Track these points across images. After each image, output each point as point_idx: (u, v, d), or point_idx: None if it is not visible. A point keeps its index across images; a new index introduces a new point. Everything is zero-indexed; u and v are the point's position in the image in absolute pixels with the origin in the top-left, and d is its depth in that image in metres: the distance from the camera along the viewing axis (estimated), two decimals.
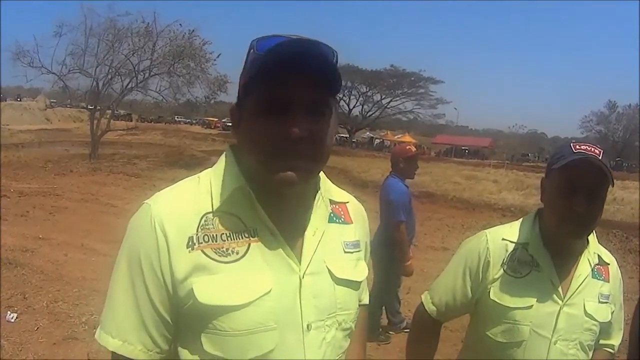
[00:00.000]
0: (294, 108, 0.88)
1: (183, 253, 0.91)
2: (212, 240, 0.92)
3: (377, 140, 57.80)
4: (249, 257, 0.93)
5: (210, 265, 0.91)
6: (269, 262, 0.94)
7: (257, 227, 0.95)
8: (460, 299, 1.53)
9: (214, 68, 20.83)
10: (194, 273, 0.91)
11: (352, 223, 1.10)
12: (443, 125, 70.49)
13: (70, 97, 21.55)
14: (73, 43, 18.91)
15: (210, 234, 0.93)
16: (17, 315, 4.22)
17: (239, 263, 0.93)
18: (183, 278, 0.91)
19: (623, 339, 1.60)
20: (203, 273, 0.91)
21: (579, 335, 1.41)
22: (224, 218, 0.95)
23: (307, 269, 0.96)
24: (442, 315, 1.59)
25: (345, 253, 1.05)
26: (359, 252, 1.09)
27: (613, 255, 1.55)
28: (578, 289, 1.42)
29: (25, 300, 4.60)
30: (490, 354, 1.47)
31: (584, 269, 1.44)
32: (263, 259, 0.94)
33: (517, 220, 1.56)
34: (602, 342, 1.53)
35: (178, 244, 0.91)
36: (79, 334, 4.02)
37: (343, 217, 1.09)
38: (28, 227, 7.25)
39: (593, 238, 1.48)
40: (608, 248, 1.56)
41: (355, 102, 55.38)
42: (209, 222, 0.94)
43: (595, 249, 1.48)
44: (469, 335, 1.62)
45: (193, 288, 0.90)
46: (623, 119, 58.47)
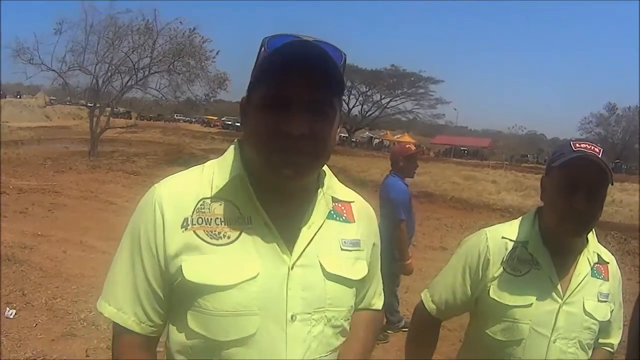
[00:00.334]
0: (296, 106, 0.91)
1: (177, 232, 0.96)
2: (205, 223, 0.97)
3: (376, 140, 57.85)
4: (240, 242, 0.97)
5: (201, 246, 0.96)
6: (259, 249, 0.97)
7: (251, 216, 0.99)
8: (460, 297, 1.53)
9: (214, 66, 20.86)
10: (185, 252, 0.96)
11: (354, 222, 1.11)
12: (442, 126, 70.50)
13: (70, 94, 21.48)
14: (73, 40, 18.90)
15: (205, 217, 0.98)
16: (16, 312, 4.22)
17: (229, 247, 0.97)
18: (174, 255, 0.96)
19: (622, 340, 1.60)
20: (193, 252, 0.96)
21: (578, 334, 1.41)
22: (221, 204, 0.99)
23: (297, 261, 0.98)
24: (441, 314, 1.59)
25: (343, 250, 1.06)
26: (359, 251, 1.09)
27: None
28: (577, 288, 1.42)
29: (24, 297, 4.60)
30: (490, 353, 1.47)
31: (584, 268, 1.44)
32: (254, 246, 0.97)
33: (516, 219, 1.56)
34: (601, 341, 1.53)
35: (174, 223, 0.97)
36: (78, 331, 4.03)
37: (345, 215, 1.10)
38: (27, 224, 7.24)
39: (593, 237, 1.48)
40: (606, 249, 1.56)
41: (355, 101, 55.49)
42: (206, 206, 0.99)
43: (595, 248, 1.49)
44: (469, 334, 1.62)
45: (182, 265, 0.95)
46: (622, 121, 58.48)
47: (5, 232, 6.43)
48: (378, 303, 1.23)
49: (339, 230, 1.07)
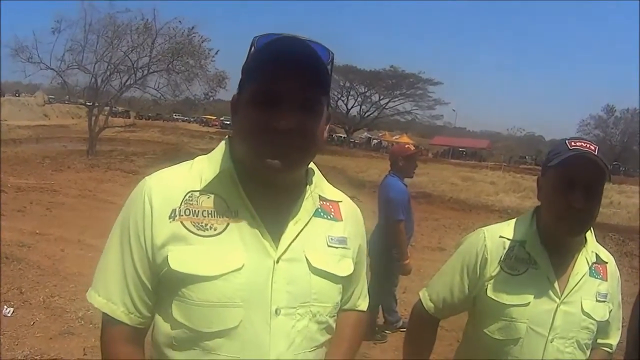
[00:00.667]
0: (283, 102, 0.94)
1: (164, 223, 0.98)
2: (193, 215, 0.99)
3: (374, 141, 57.80)
4: (227, 234, 0.98)
5: (188, 237, 0.97)
6: (245, 242, 0.98)
7: (239, 209, 1.01)
8: (458, 296, 1.53)
9: (213, 65, 20.85)
10: (172, 242, 0.97)
11: (341, 220, 1.12)
12: (441, 127, 70.55)
13: (69, 93, 21.50)
14: (72, 39, 18.95)
15: (192, 209, 0.99)
16: (13, 310, 4.21)
17: (216, 238, 0.98)
18: (161, 245, 0.97)
19: (620, 341, 1.60)
20: (180, 243, 0.97)
21: (576, 334, 1.41)
22: (209, 197, 1.01)
23: (283, 255, 0.99)
24: (439, 312, 1.59)
25: (329, 247, 1.07)
26: (346, 249, 1.10)
27: None
28: (575, 287, 1.42)
29: (22, 295, 4.59)
30: (488, 351, 1.47)
31: (582, 267, 1.44)
32: (240, 239, 0.99)
33: (514, 219, 1.57)
34: (599, 341, 1.53)
35: (161, 214, 0.98)
36: (75, 329, 4.03)
37: (333, 213, 1.12)
38: (25, 222, 7.23)
39: (591, 236, 1.48)
40: (605, 249, 1.55)
41: (354, 102, 55.47)
42: (194, 198, 1.00)
43: (593, 248, 1.48)
44: (467, 333, 1.62)
45: (168, 255, 0.96)
46: (621, 123, 58.63)
47: (4, 230, 6.42)
48: (363, 305, 1.24)
49: (326, 228, 1.09)
